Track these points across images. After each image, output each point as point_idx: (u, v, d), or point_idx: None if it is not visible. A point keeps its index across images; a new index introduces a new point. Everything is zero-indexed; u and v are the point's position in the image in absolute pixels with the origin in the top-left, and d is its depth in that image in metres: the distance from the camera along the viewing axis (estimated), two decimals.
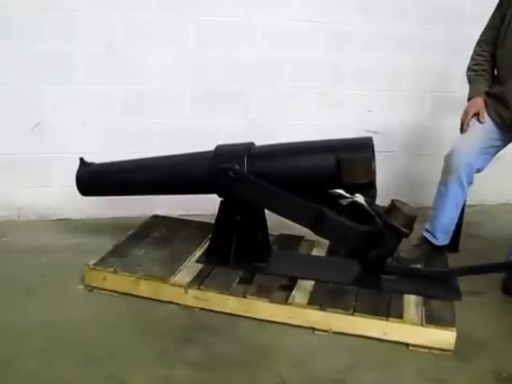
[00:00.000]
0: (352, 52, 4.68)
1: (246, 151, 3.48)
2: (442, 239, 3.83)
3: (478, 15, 4.49)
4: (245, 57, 4.48)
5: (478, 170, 3.73)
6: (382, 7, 4.63)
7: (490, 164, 3.79)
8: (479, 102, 3.75)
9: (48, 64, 4.13)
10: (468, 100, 3.82)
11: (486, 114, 3.74)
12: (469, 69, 3.88)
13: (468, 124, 3.74)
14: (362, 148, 3.32)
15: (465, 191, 3.72)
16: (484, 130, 3.72)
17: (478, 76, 3.82)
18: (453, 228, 3.85)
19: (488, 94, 3.79)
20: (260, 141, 3.61)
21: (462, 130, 3.77)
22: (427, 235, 3.84)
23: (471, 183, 3.73)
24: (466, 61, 3.95)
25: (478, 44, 3.88)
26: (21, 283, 3.44)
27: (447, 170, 3.72)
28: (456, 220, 3.84)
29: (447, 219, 3.80)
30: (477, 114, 3.73)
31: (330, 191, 3.45)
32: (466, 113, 3.77)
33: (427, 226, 3.86)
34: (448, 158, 3.72)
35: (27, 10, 4.00)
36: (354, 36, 4.65)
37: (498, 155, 3.83)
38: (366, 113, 4.80)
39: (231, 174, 3.36)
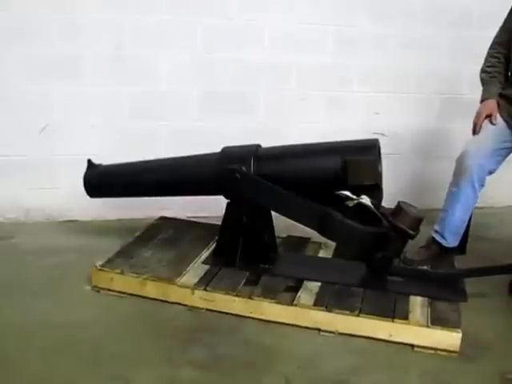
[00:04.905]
0: (360, 54, 4.67)
1: (253, 153, 3.49)
2: (451, 240, 3.81)
3: (486, 17, 4.52)
4: (252, 59, 4.49)
5: (490, 172, 3.71)
6: (390, 10, 4.63)
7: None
8: (492, 103, 3.75)
9: (56, 66, 4.15)
10: (481, 102, 3.82)
11: (498, 116, 3.74)
12: (482, 70, 3.88)
13: (481, 126, 3.73)
14: (368, 150, 3.33)
15: (476, 193, 3.70)
16: (496, 131, 3.72)
17: (491, 78, 3.82)
18: (462, 230, 3.83)
19: (501, 96, 3.78)
20: (267, 143, 3.62)
21: (475, 132, 3.76)
22: (436, 236, 3.82)
23: (483, 186, 3.70)
24: (473, 63, 3.95)
25: (492, 46, 3.87)
26: (28, 284, 3.46)
27: (459, 171, 3.70)
28: (466, 222, 3.82)
29: (457, 220, 3.78)
30: (489, 116, 3.73)
31: (337, 192, 3.45)
32: (478, 114, 3.76)
33: (436, 226, 3.84)
34: (460, 160, 3.70)
35: (35, 12, 4.03)
36: (361, 39, 4.65)
37: (508, 158, 3.83)
38: (374, 115, 4.79)
39: (238, 176, 3.37)
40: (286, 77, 4.60)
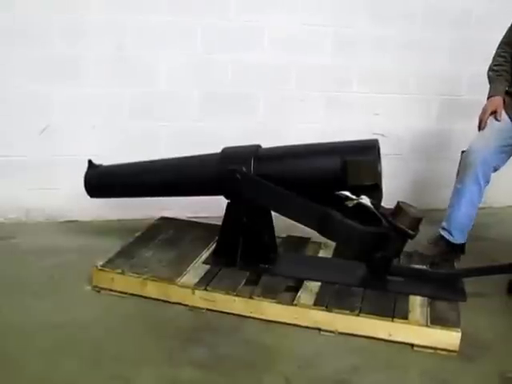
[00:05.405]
0: (359, 55, 4.68)
1: (253, 153, 3.50)
2: (458, 237, 3.86)
3: (486, 18, 4.53)
4: (252, 60, 4.50)
5: (495, 169, 3.76)
6: (389, 11, 4.64)
7: None
8: (498, 100, 3.81)
9: (57, 67, 4.15)
10: (487, 99, 3.87)
11: (503, 113, 3.78)
12: (490, 69, 3.94)
13: (486, 122, 3.77)
14: (367, 150, 3.34)
15: (481, 189, 3.75)
16: (501, 128, 3.77)
17: (498, 76, 3.89)
18: (469, 226, 3.87)
19: (507, 93, 3.84)
20: (267, 143, 3.63)
21: (480, 128, 3.80)
22: (444, 233, 3.87)
23: (488, 182, 3.75)
24: (473, 64, 3.97)
25: (500, 45, 3.95)
26: (29, 284, 3.46)
27: (464, 167, 3.75)
28: (473, 218, 3.86)
29: (463, 217, 3.82)
30: (495, 112, 3.77)
31: (337, 193, 3.46)
32: (484, 111, 3.82)
33: (444, 223, 3.89)
34: (465, 156, 3.76)
35: (37, 13, 4.03)
36: (361, 40, 4.66)
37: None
38: (373, 116, 4.80)
39: (238, 176, 3.38)
40: (286, 77, 4.61)
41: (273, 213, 3.59)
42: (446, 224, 3.87)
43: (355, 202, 3.21)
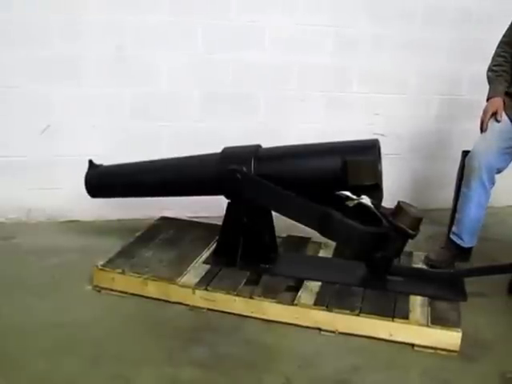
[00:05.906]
0: (359, 55, 4.68)
1: (253, 153, 3.50)
2: (468, 241, 3.86)
3: (485, 18, 4.52)
4: (253, 60, 4.50)
5: (499, 170, 3.75)
6: (389, 11, 4.63)
7: None
8: (498, 101, 3.79)
9: (58, 67, 4.15)
10: (487, 100, 3.86)
11: (504, 114, 3.78)
12: (489, 69, 3.92)
13: (487, 124, 3.77)
14: (367, 150, 3.33)
15: (487, 191, 3.75)
16: (502, 129, 3.76)
17: (497, 76, 3.87)
18: (478, 229, 3.87)
19: (507, 94, 3.83)
20: (267, 143, 3.63)
21: (482, 130, 3.80)
22: (454, 238, 3.86)
23: (494, 183, 3.75)
24: (472, 63, 3.96)
25: (499, 45, 3.92)
26: (29, 284, 3.47)
27: (469, 171, 3.75)
28: (481, 220, 3.85)
29: (472, 220, 3.82)
30: (495, 114, 3.77)
31: (337, 193, 3.46)
32: (485, 112, 3.81)
33: (454, 228, 3.89)
34: (468, 160, 3.76)
35: (37, 13, 4.03)
36: (361, 39, 4.65)
37: None
38: (374, 116, 4.80)
39: (238, 176, 3.38)
40: (287, 77, 4.61)
41: (273, 213, 3.59)
42: (456, 229, 3.87)
43: (356, 201, 3.22)
